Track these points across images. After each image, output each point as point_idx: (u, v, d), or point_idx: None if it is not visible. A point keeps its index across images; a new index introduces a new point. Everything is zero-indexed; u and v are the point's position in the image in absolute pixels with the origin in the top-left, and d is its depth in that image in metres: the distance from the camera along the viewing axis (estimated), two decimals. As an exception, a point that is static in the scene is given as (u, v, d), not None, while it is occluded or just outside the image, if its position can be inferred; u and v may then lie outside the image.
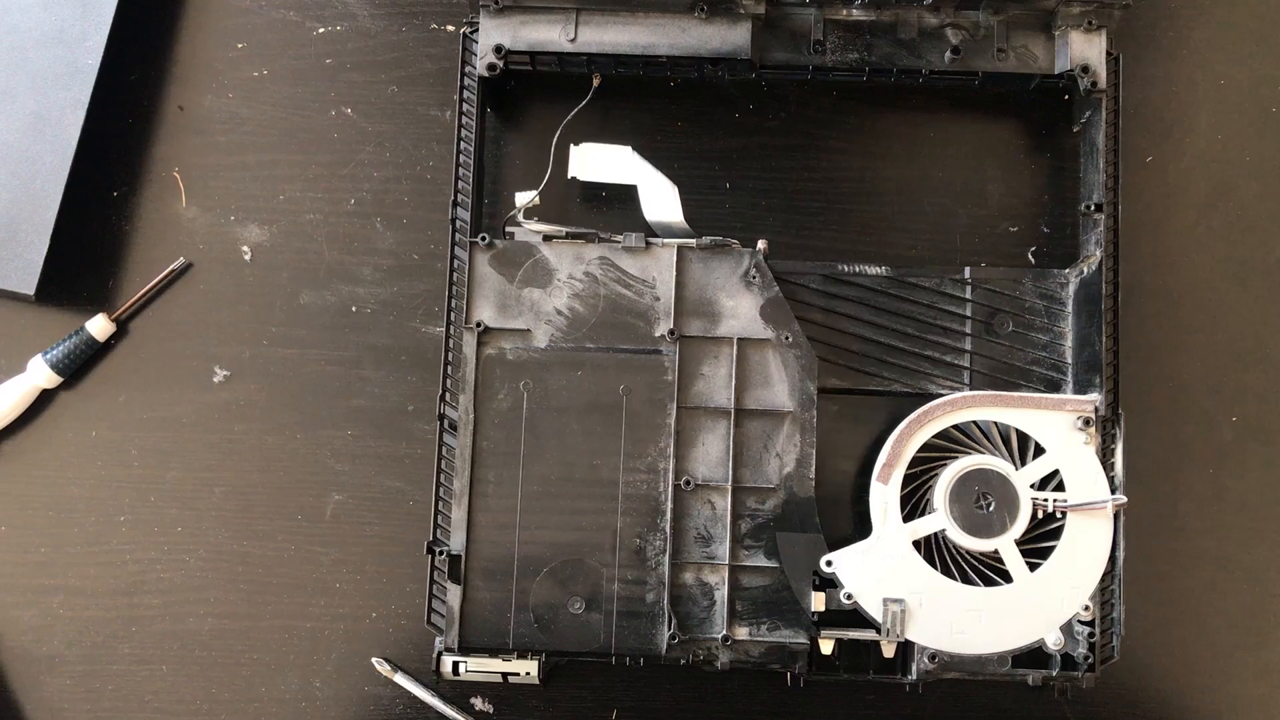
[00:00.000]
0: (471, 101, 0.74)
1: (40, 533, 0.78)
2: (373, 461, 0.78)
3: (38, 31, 0.78)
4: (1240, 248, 0.79)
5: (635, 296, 0.72)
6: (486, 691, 0.76)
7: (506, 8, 0.74)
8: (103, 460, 0.78)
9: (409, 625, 0.76)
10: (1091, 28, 0.73)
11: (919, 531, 0.70)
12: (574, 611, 0.70)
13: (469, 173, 0.74)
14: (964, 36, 0.74)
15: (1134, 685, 0.76)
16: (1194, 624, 0.76)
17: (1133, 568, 0.72)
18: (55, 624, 0.77)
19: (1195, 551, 0.77)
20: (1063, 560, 0.69)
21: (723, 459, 0.71)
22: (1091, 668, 0.69)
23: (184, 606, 0.77)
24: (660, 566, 0.70)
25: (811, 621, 0.70)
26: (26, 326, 0.79)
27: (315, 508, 0.78)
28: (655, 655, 0.69)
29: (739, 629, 0.70)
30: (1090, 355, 0.72)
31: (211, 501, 0.78)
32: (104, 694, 0.76)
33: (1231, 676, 0.76)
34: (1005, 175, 0.79)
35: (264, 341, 0.79)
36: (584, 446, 0.71)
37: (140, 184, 0.80)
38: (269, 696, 0.76)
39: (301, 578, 0.77)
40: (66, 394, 0.79)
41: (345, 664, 0.76)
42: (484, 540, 0.70)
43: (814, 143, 0.80)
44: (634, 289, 0.72)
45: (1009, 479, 0.70)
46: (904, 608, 0.69)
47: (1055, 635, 0.69)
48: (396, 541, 0.77)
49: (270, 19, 0.82)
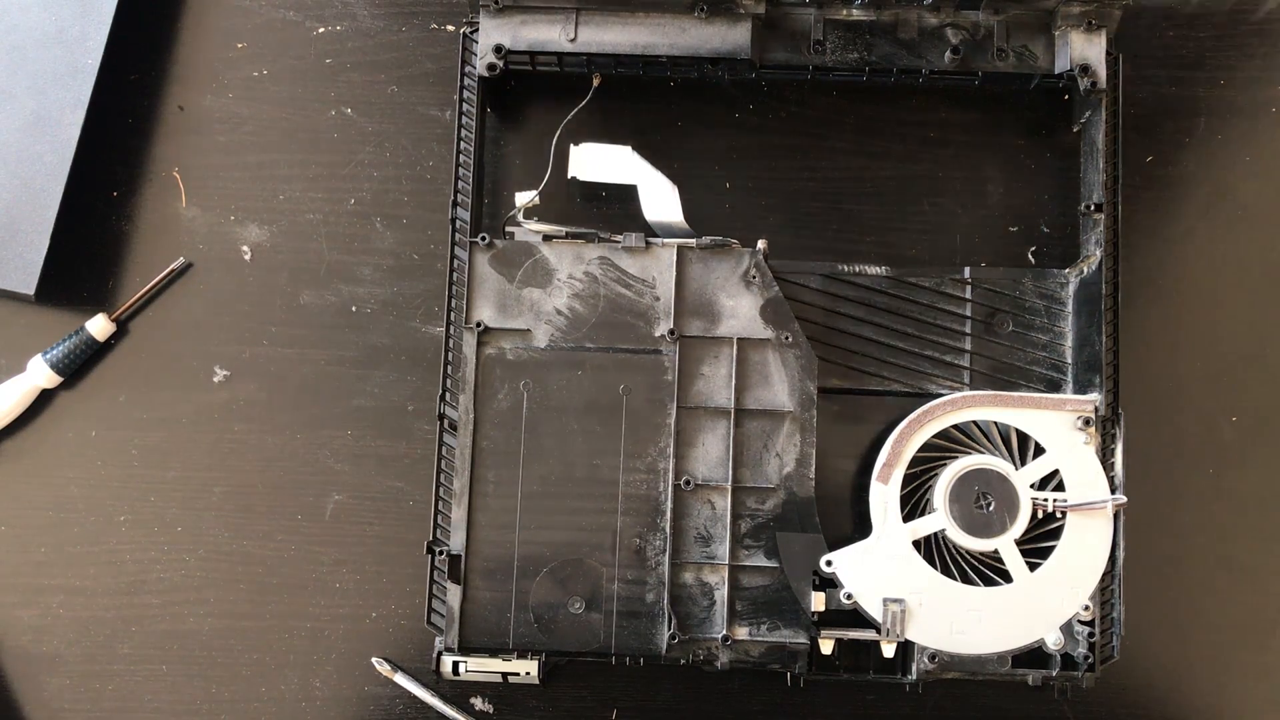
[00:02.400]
0: (471, 101, 0.74)
1: (40, 532, 0.78)
2: (373, 461, 0.78)
3: (38, 31, 0.78)
4: (1240, 248, 0.79)
5: (635, 296, 0.72)
6: (486, 691, 0.76)
7: (506, 7, 0.74)
8: (103, 460, 0.78)
9: (409, 625, 0.76)
10: (1091, 28, 0.73)
11: (919, 531, 0.70)
12: (574, 611, 0.70)
13: (469, 173, 0.74)
14: (964, 36, 0.74)
15: (1134, 685, 0.76)
16: (1194, 624, 0.76)
17: (1133, 568, 0.72)
18: (55, 624, 0.77)
19: (1195, 551, 0.77)
20: (1062, 560, 0.69)
21: (723, 459, 0.71)
22: (1091, 668, 0.69)
23: (184, 606, 0.77)
24: (660, 566, 0.70)
25: (811, 621, 0.70)
26: (26, 326, 0.79)
27: (315, 508, 0.78)
28: (655, 655, 0.69)
29: (739, 629, 0.70)
30: (1090, 355, 0.72)
31: (211, 501, 0.78)
32: (104, 694, 0.76)
33: (1231, 677, 0.76)
34: (1005, 175, 0.79)
35: (264, 341, 0.79)
36: (584, 446, 0.71)
37: (140, 184, 0.80)
38: (269, 696, 0.76)
39: (301, 578, 0.77)
40: (66, 394, 0.79)
41: (345, 664, 0.76)
42: (484, 540, 0.70)
43: (814, 143, 0.80)
44: (634, 289, 0.72)
45: (1009, 479, 0.70)
46: (904, 608, 0.69)
47: (1055, 635, 0.69)
48: (396, 541, 0.77)
49: (270, 19, 0.82)
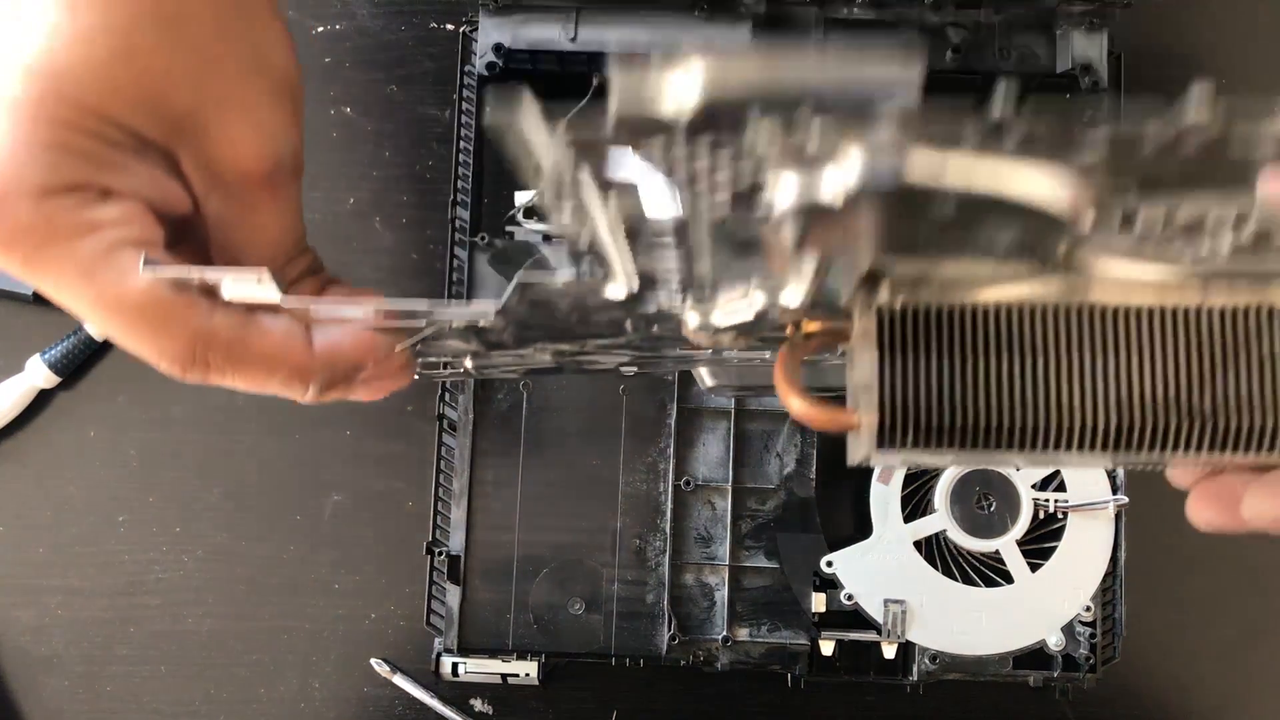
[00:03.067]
0: (471, 101, 0.74)
1: (38, 533, 0.77)
2: (372, 461, 0.78)
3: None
4: (1242, 248, 0.79)
5: (635, 296, 0.72)
6: (486, 692, 0.76)
7: (506, 7, 0.74)
8: (101, 460, 0.78)
9: (408, 626, 0.76)
10: (1093, 27, 0.73)
11: (920, 532, 0.70)
12: (574, 612, 0.69)
13: (469, 172, 0.73)
14: (965, 35, 0.74)
15: (1136, 686, 0.75)
16: (1196, 624, 0.76)
17: (1134, 568, 0.71)
18: (53, 624, 0.77)
19: (1197, 551, 0.76)
20: (1064, 561, 0.69)
21: (723, 459, 0.70)
22: (1093, 668, 0.69)
23: (182, 607, 0.77)
24: (660, 567, 0.70)
25: (812, 622, 0.69)
26: (24, 326, 0.79)
27: (314, 508, 0.77)
28: (655, 656, 0.69)
29: (739, 630, 0.70)
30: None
31: (210, 502, 0.77)
32: (102, 694, 0.76)
33: (1235, 677, 0.76)
34: (1006, 175, 0.79)
35: (263, 341, 0.78)
36: (584, 447, 0.71)
37: (139, 183, 0.80)
38: (267, 697, 0.76)
39: (300, 578, 0.77)
40: (65, 394, 0.78)
41: (344, 665, 0.76)
42: (483, 541, 0.70)
43: (814, 142, 0.80)
44: (634, 289, 0.72)
45: (1010, 479, 0.70)
46: (905, 608, 0.69)
47: (1057, 636, 0.69)
48: (395, 542, 0.77)
49: (269, 18, 0.82)
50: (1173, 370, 0.32)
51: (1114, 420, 0.32)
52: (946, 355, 0.32)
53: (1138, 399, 0.32)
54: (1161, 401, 0.32)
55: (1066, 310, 0.32)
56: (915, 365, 0.32)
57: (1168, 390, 0.32)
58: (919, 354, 0.32)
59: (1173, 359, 0.32)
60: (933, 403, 0.32)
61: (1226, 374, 0.32)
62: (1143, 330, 0.32)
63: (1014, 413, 0.32)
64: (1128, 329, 0.32)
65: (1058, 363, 0.32)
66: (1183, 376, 0.32)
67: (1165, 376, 0.32)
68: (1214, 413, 0.32)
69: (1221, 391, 0.32)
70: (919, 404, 0.32)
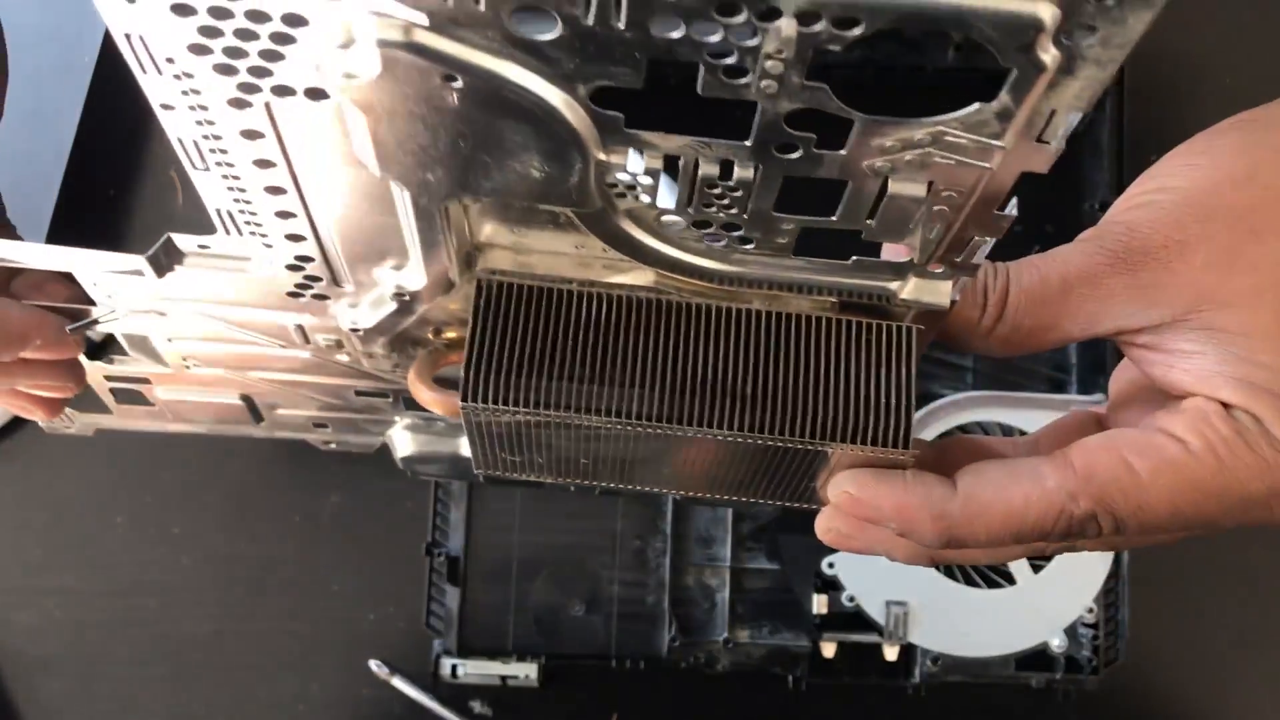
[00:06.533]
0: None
1: (37, 534, 0.77)
2: (371, 462, 0.77)
3: (34, 29, 0.77)
4: (1245, 247, 0.79)
5: (636, 296, 0.71)
6: (485, 695, 0.75)
7: (506, 5, 0.74)
8: (99, 461, 0.78)
9: (407, 627, 0.76)
10: (1095, 26, 0.73)
11: (921, 533, 0.70)
12: (574, 614, 0.69)
13: None
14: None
15: (1138, 688, 0.75)
16: (1198, 625, 0.76)
17: (1136, 569, 0.71)
18: (51, 625, 0.76)
19: (1199, 553, 0.76)
20: (1066, 562, 0.69)
21: (724, 460, 0.70)
22: (1095, 670, 0.69)
23: (180, 608, 0.76)
24: (661, 569, 0.69)
25: (813, 624, 0.69)
26: (23, 326, 0.79)
27: (313, 509, 0.77)
28: (656, 658, 0.69)
29: (740, 631, 0.69)
30: (1094, 355, 0.71)
31: (208, 502, 0.77)
32: (100, 696, 0.76)
33: (1236, 678, 0.75)
34: (1008, 174, 0.79)
35: (262, 341, 0.78)
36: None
37: (137, 183, 0.80)
38: (266, 699, 0.76)
39: (299, 579, 0.76)
40: (63, 394, 0.78)
41: (343, 666, 0.76)
42: (483, 542, 0.70)
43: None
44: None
45: (1012, 480, 0.70)
46: (906, 610, 0.69)
47: (1059, 638, 0.68)
48: (394, 543, 0.76)
49: (268, 17, 0.81)
50: (722, 358, 0.37)
51: (668, 397, 0.36)
52: (530, 325, 0.37)
53: (689, 380, 0.37)
54: (710, 384, 0.37)
55: (640, 301, 0.37)
56: (502, 331, 0.36)
57: (717, 375, 0.37)
58: (507, 322, 0.36)
59: (723, 349, 0.37)
60: (512, 365, 0.36)
61: (765, 367, 0.37)
62: (701, 323, 0.37)
63: (581, 383, 0.37)
64: (690, 320, 0.37)
65: (627, 342, 0.37)
66: (729, 364, 0.37)
67: (715, 363, 0.37)
68: (753, 398, 0.36)
69: (761, 380, 0.37)
70: (500, 365, 0.36)
